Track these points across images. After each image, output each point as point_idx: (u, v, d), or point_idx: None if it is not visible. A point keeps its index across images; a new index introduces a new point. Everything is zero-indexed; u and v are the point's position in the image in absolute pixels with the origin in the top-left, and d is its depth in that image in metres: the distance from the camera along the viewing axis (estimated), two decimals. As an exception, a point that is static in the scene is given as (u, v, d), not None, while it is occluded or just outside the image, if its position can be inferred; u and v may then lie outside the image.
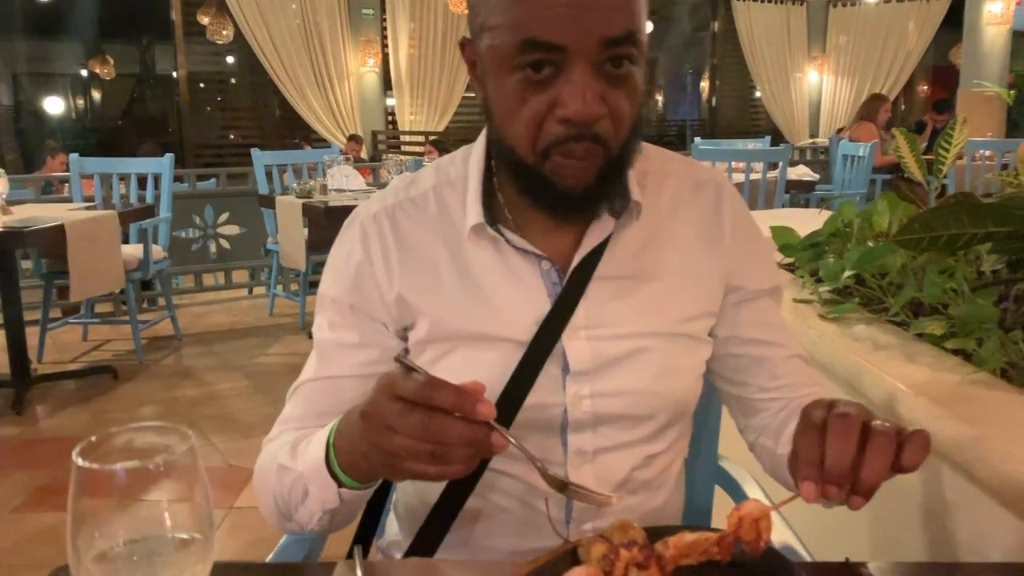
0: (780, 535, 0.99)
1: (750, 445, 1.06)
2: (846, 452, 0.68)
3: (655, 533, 0.71)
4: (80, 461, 0.52)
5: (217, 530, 0.58)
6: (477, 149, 0.97)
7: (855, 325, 1.48)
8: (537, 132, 0.83)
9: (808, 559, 0.93)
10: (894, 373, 1.21)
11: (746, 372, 1.03)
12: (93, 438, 0.55)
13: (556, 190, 0.86)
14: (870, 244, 1.74)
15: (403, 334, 0.97)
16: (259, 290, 6.02)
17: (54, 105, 11.12)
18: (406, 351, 0.97)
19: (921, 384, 1.16)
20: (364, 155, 8.61)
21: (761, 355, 1.02)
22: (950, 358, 1.26)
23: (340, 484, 0.80)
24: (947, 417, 1.05)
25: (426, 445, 0.66)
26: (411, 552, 0.98)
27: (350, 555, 0.88)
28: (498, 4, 0.81)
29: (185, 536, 0.55)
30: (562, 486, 0.72)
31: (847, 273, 1.62)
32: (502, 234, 0.93)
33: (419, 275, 0.94)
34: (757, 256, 1.04)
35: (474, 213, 0.92)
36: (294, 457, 0.85)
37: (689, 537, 0.70)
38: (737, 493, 1.21)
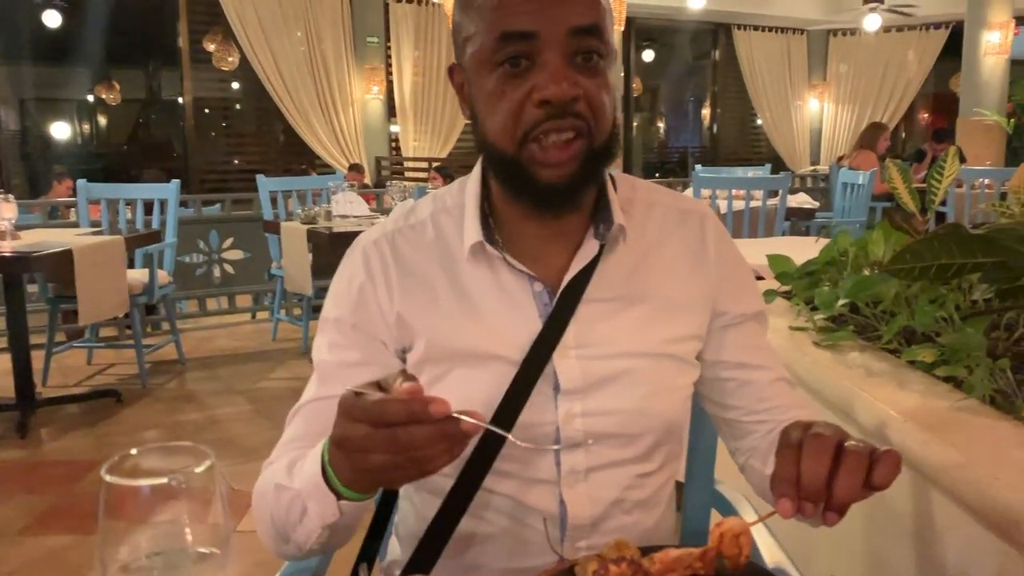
0: (771, 555, 1.02)
1: (740, 467, 1.09)
2: (820, 470, 0.72)
3: (650, 552, 0.75)
4: (108, 478, 0.55)
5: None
6: (473, 176, 1.03)
7: (849, 352, 1.52)
8: (517, 119, 0.89)
9: (797, 577, 0.95)
10: (885, 399, 1.24)
11: (733, 395, 1.06)
12: (119, 456, 0.58)
13: (539, 181, 0.91)
14: (865, 273, 1.78)
15: (402, 355, 1.00)
16: (262, 315, 6.05)
17: (61, 130, 11.22)
18: (404, 372, 1.00)
19: (911, 410, 1.19)
20: (368, 182, 8.68)
21: (747, 378, 1.05)
22: (940, 385, 1.30)
23: (339, 497, 0.80)
24: (935, 442, 1.08)
25: (402, 456, 0.68)
26: (408, 570, 0.99)
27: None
28: (476, 11, 0.89)
29: (204, 550, 0.58)
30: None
31: (841, 301, 1.65)
32: (498, 252, 0.97)
33: (417, 295, 0.99)
34: (741, 282, 1.08)
35: (472, 232, 0.97)
36: (291, 476, 0.86)
37: (674, 553, 0.74)
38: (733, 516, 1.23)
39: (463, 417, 0.68)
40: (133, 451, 0.59)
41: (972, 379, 1.25)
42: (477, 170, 1.02)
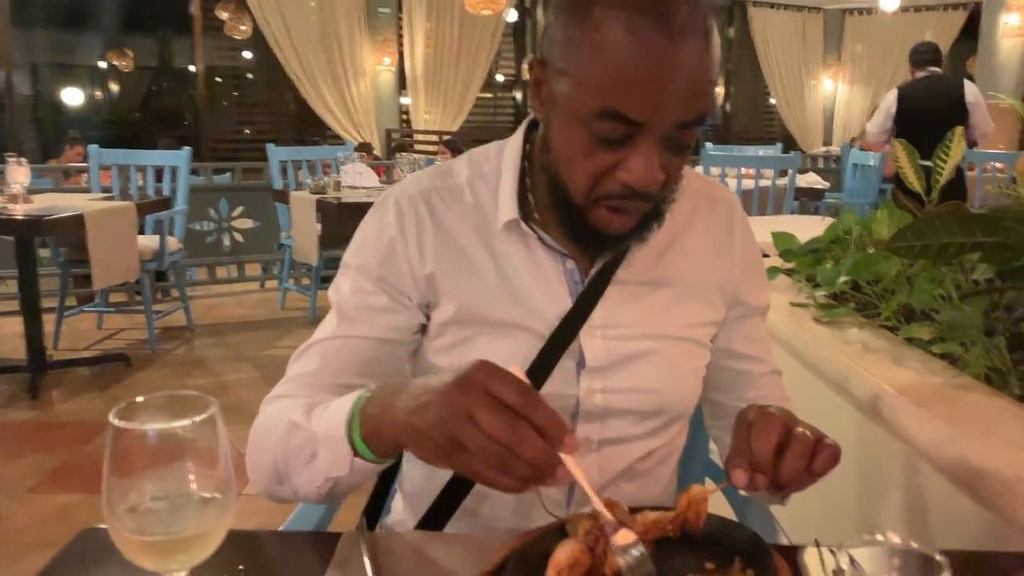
0: (763, 523, 1.05)
1: (713, 439, 1.15)
2: (768, 446, 0.78)
3: (635, 512, 0.78)
4: (116, 422, 0.58)
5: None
6: (512, 147, 1.02)
7: (848, 329, 1.53)
8: (594, 184, 0.88)
9: (787, 543, 0.98)
10: (880, 375, 1.26)
11: (728, 382, 1.11)
12: (127, 402, 0.60)
13: (597, 232, 0.92)
14: (869, 251, 1.79)
15: (425, 311, 1.01)
16: (271, 283, 6.09)
17: (73, 96, 11.21)
18: (423, 328, 1.02)
19: (905, 386, 1.21)
20: (378, 154, 8.68)
21: (745, 369, 1.10)
22: (936, 362, 1.31)
23: (355, 454, 0.81)
24: (927, 417, 1.10)
25: (499, 448, 0.66)
26: (420, 527, 1.02)
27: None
28: (586, 60, 0.83)
29: (207, 495, 0.61)
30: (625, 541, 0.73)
31: (842, 279, 1.67)
32: (533, 230, 0.98)
33: (451, 259, 0.99)
34: (760, 276, 1.12)
35: (508, 209, 0.97)
36: (308, 418, 0.86)
37: (652, 516, 0.79)
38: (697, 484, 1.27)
39: (570, 464, 0.68)
40: (140, 399, 0.61)
41: (967, 357, 1.27)
42: (518, 139, 1.01)
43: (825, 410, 1.36)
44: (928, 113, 5.01)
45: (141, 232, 4.39)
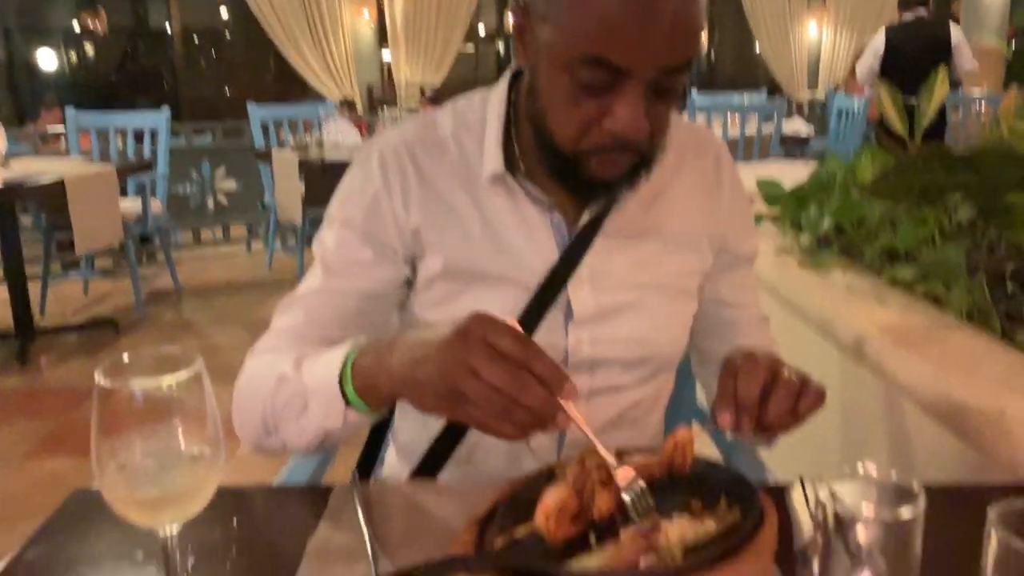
0: (749, 464, 1.06)
1: (702, 385, 1.18)
2: (754, 388, 0.80)
3: (622, 455, 0.78)
4: (102, 380, 0.58)
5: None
6: (497, 96, 1.00)
7: (832, 272, 1.54)
8: (583, 134, 0.86)
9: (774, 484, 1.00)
10: (864, 316, 1.27)
11: (716, 329, 1.11)
12: (112, 360, 0.60)
13: (586, 179, 0.90)
14: (853, 195, 1.79)
15: (411, 264, 1.00)
16: (257, 245, 6.06)
17: (47, 59, 11.00)
18: (409, 282, 1.01)
19: (889, 326, 1.22)
20: (360, 113, 8.58)
21: (732, 316, 1.10)
22: (919, 302, 1.32)
23: (348, 406, 0.81)
24: (910, 356, 1.12)
25: (501, 398, 0.67)
26: (415, 476, 1.03)
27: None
28: (569, 5, 0.81)
29: (196, 451, 0.61)
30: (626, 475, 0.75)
31: (827, 223, 1.67)
32: (519, 183, 0.97)
33: (438, 213, 0.98)
34: (747, 223, 1.12)
35: (493, 160, 0.96)
36: (298, 370, 0.86)
37: (639, 459, 0.79)
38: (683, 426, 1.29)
39: (570, 410, 0.69)
40: (126, 357, 0.61)
41: (950, 296, 1.28)
42: (503, 88, 1.00)
43: (810, 353, 1.37)
44: (914, 54, 5.02)
45: (123, 196, 4.34)
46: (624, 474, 0.73)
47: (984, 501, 0.49)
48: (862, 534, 0.38)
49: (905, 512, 0.38)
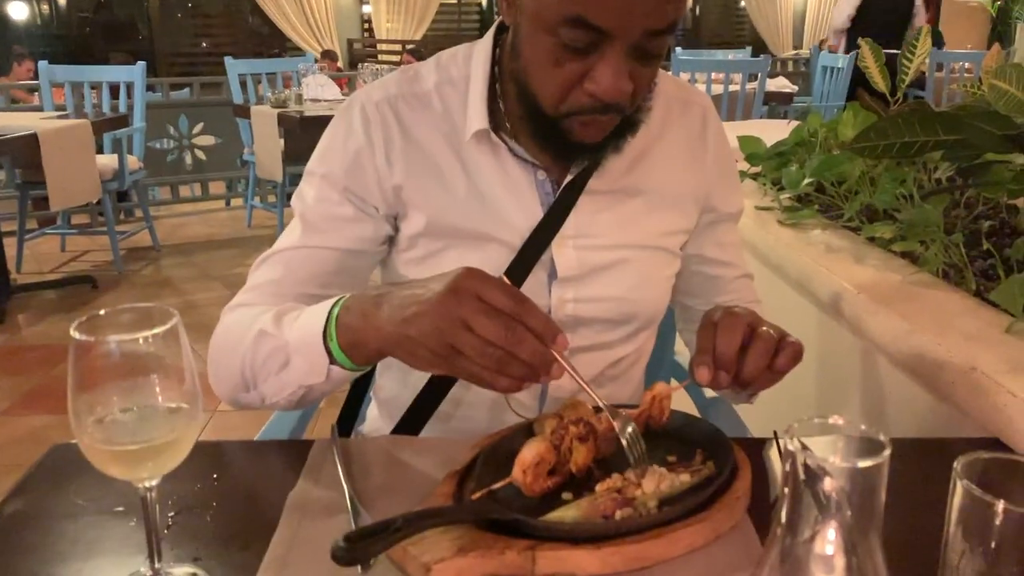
0: (726, 419, 1.08)
1: (685, 342, 1.17)
2: (732, 343, 0.81)
3: (600, 412, 0.79)
4: (77, 335, 0.58)
5: (203, 429, 0.63)
6: (481, 52, 0.98)
7: (811, 230, 1.55)
8: (564, 95, 0.86)
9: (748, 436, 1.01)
10: (841, 274, 1.28)
11: (700, 287, 1.12)
12: (88, 316, 0.60)
13: (570, 142, 0.90)
14: (834, 153, 1.79)
15: (393, 222, 1.00)
16: (237, 201, 6.01)
17: (17, 10, 10.73)
18: (390, 239, 1.01)
19: (865, 284, 1.23)
20: (341, 66, 8.46)
21: (716, 274, 1.11)
22: (896, 260, 1.34)
23: (332, 362, 0.81)
24: (884, 313, 1.13)
25: (496, 351, 0.68)
26: (396, 432, 1.02)
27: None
28: None
29: (173, 405, 0.61)
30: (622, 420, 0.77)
31: (807, 180, 1.67)
32: (503, 141, 0.96)
33: (422, 170, 0.97)
34: (732, 181, 1.12)
35: (477, 118, 0.95)
36: (279, 326, 0.86)
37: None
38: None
39: (564, 360, 0.70)
40: (102, 312, 0.61)
41: (927, 254, 1.29)
42: (487, 44, 0.98)
43: (788, 310, 1.39)
44: (884, 7, 5.06)
45: (99, 151, 4.28)
46: (620, 420, 0.75)
47: (952, 454, 0.51)
48: (828, 484, 0.39)
49: (870, 462, 0.39)
